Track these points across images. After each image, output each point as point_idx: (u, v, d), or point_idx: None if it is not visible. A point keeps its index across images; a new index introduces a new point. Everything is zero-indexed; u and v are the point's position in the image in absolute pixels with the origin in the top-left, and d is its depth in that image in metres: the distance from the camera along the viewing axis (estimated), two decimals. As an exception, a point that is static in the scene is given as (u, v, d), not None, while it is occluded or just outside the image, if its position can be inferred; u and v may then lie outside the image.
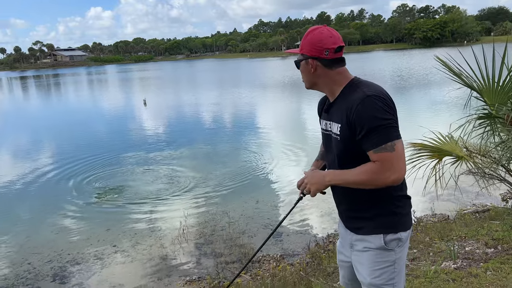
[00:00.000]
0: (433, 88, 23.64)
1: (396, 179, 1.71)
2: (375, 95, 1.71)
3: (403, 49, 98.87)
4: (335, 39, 1.81)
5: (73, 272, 5.79)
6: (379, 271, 1.80)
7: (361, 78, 1.88)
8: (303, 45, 1.86)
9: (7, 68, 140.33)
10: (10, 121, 23.48)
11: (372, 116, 1.68)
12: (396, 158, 1.68)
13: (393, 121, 1.71)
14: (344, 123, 1.76)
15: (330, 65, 1.83)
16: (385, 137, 1.68)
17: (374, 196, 1.80)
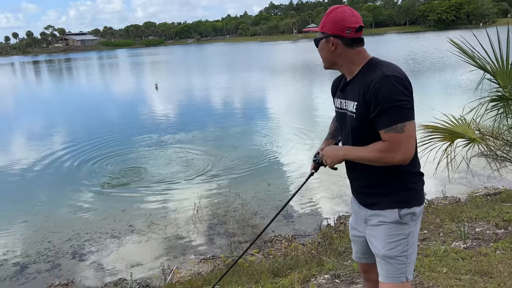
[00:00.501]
0: (447, 71, 23.31)
1: (402, 159, 1.76)
2: (393, 76, 1.75)
3: (417, 32, 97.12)
4: (356, 19, 1.84)
5: (91, 250, 6.00)
6: (393, 243, 1.87)
7: (379, 58, 1.91)
8: (325, 23, 1.87)
9: (19, 53, 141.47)
10: (25, 106, 23.85)
11: (388, 96, 1.72)
12: (404, 139, 1.72)
13: (408, 103, 1.75)
14: (361, 101, 1.81)
15: (350, 44, 1.86)
16: (396, 117, 1.72)
17: (389, 173, 1.86)
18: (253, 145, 11.01)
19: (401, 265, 1.87)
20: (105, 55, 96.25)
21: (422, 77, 22.16)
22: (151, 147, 11.50)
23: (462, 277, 3.15)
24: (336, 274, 3.58)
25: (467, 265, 3.33)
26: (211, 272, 4.64)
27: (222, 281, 3.93)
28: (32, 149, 12.26)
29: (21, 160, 11.05)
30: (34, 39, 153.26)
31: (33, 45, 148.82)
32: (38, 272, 5.55)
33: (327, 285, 3.40)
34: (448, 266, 3.37)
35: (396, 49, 44.76)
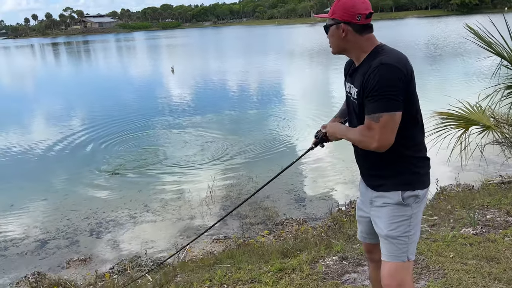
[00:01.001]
0: (467, 56, 22.76)
1: (376, 147, 1.82)
2: (388, 64, 1.77)
3: (438, 16, 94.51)
4: (366, 5, 1.86)
5: (108, 228, 6.20)
6: (395, 224, 1.93)
7: (386, 45, 1.94)
8: (335, 10, 1.90)
9: (39, 35, 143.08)
10: (45, 87, 24.30)
11: (376, 84, 1.76)
12: (378, 129, 1.78)
13: (394, 94, 1.75)
14: (360, 88, 1.87)
15: (360, 30, 1.88)
16: (376, 107, 1.77)
17: (394, 156, 1.91)
18: (269, 129, 11.06)
19: (403, 245, 1.93)
20: (123, 38, 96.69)
21: (442, 63, 21.76)
22: (167, 129, 11.67)
23: (469, 261, 3.19)
24: (344, 256, 3.66)
25: (474, 251, 3.37)
26: (222, 252, 4.76)
27: (233, 260, 4.06)
28: (51, 130, 12.55)
29: (41, 140, 11.34)
30: (53, 21, 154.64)
31: (52, 27, 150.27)
32: (58, 247, 5.78)
33: (335, 266, 3.49)
34: (455, 251, 3.41)
35: (417, 34, 43.77)
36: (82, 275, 4.93)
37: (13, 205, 7.28)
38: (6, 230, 6.39)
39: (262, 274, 3.46)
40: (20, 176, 8.75)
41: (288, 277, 3.33)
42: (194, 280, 3.61)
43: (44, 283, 4.48)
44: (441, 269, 3.14)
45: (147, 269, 4.64)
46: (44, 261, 5.46)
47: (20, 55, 61.98)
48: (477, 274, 2.98)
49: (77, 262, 5.27)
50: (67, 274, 4.97)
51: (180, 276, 3.98)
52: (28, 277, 4.77)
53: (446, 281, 2.95)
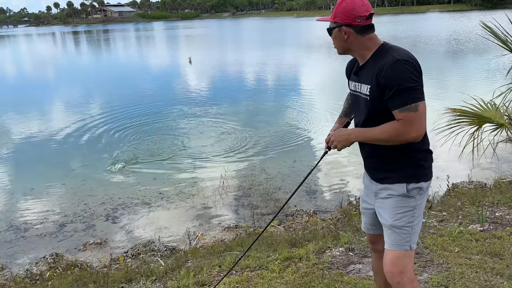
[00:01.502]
0: (488, 53, 22.29)
1: (417, 136, 1.89)
2: (404, 59, 1.85)
3: (461, 11, 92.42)
4: (366, 7, 1.94)
5: (123, 213, 6.40)
6: (400, 214, 2.01)
7: (389, 43, 2.01)
8: (336, 13, 1.98)
9: (60, 23, 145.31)
10: (65, 75, 24.77)
11: (400, 78, 1.83)
12: (418, 117, 1.85)
13: (419, 84, 1.85)
14: (374, 85, 1.93)
15: (362, 31, 1.96)
16: (410, 98, 1.83)
17: (399, 150, 1.99)
18: (285, 122, 11.13)
19: (406, 235, 2.01)
20: (142, 27, 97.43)
21: (462, 59, 21.39)
22: (183, 119, 11.84)
23: (473, 257, 3.24)
24: (350, 247, 3.74)
25: (479, 246, 3.41)
26: (233, 240, 4.89)
27: (243, 248, 4.18)
28: (70, 117, 12.83)
29: (60, 127, 11.64)
30: (74, 10, 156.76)
31: (73, 16, 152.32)
32: (75, 230, 6.00)
33: (341, 257, 3.57)
34: (460, 246, 3.46)
35: (437, 28, 42.94)
36: (97, 257, 5.12)
37: (34, 189, 7.55)
38: (26, 213, 6.65)
39: (269, 262, 3.57)
40: (40, 162, 9.03)
41: (294, 266, 3.43)
42: (204, 265, 3.74)
43: (62, 264, 4.68)
44: (444, 263, 3.20)
45: (159, 254, 4.80)
46: (62, 243, 5.68)
47: (42, 42, 63.07)
48: (479, 269, 3.03)
49: (93, 245, 5.47)
50: (83, 256, 5.17)
51: (191, 261, 4.12)
52: (46, 258, 4.99)
53: (448, 274, 3.01)
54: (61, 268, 4.54)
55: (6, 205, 6.95)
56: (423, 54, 23.75)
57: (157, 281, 3.60)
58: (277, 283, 3.15)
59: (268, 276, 3.27)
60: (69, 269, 4.46)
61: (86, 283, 3.80)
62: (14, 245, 5.68)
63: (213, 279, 3.41)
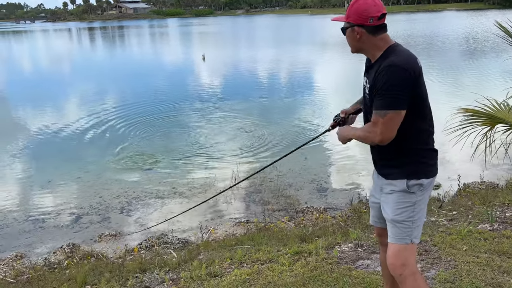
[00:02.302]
0: (504, 53, 21.99)
1: (380, 140, 2.00)
2: (396, 66, 1.92)
3: (479, 9, 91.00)
4: (379, 8, 2.01)
5: (137, 207, 6.54)
6: (400, 209, 2.09)
7: (400, 45, 2.07)
8: (349, 14, 2.06)
9: (76, 19, 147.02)
10: (81, 70, 25.15)
11: (385, 83, 1.93)
12: (383, 124, 1.95)
13: (399, 93, 1.92)
14: (372, 84, 2.04)
15: (374, 31, 2.04)
16: (383, 103, 1.94)
17: (403, 148, 2.07)
18: (296, 119, 11.17)
19: (407, 229, 2.09)
20: (156, 24, 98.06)
21: (479, 58, 21.12)
22: (196, 116, 11.98)
23: (481, 255, 3.29)
24: (359, 243, 3.81)
25: (487, 245, 3.45)
26: (244, 234, 4.99)
27: (254, 242, 4.28)
28: (85, 112, 13.05)
29: (75, 122, 11.88)
30: (90, 6, 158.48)
31: (89, 12, 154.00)
32: (90, 222, 6.17)
33: (350, 252, 3.65)
34: (468, 244, 3.50)
35: (454, 28, 42.39)
36: (112, 249, 5.27)
37: (50, 181, 7.75)
38: (44, 204, 6.84)
39: (280, 255, 3.66)
40: (56, 155, 9.24)
41: (304, 260, 3.51)
42: (216, 257, 3.85)
43: (79, 253, 4.84)
44: (452, 261, 3.25)
45: (172, 247, 4.93)
46: (78, 234, 5.85)
47: (59, 38, 63.98)
48: (487, 267, 3.07)
49: (108, 237, 5.62)
50: (98, 247, 5.32)
51: (203, 254, 4.23)
52: (63, 248, 5.15)
53: (456, 271, 3.06)
54: (78, 257, 4.70)
55: (25, 197, 7.16)
56: (439, 53, 23.53)
57: (170, 272, 3.72)
58: (286, 275, 3.24)
59: (278, 269, 3.36)
60: (85, 258, 4.62)
61: (102, 272, 3.94)
62: (32, 235, 5.86)
63: (224, 271, 3.51)
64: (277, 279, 3.21)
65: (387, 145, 2.08)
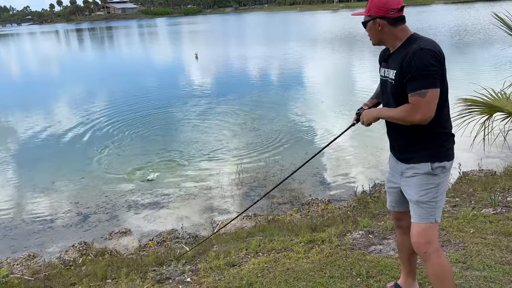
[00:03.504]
0: (499, 44, 22.32)
1: (421, 119, 2.09)
2: (427, 49, 2.05)
3: (467, 2, 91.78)
4: (398, 0, 2.15)
5: (145, 205, 6.63)
6: (425, 191, 2.20)
7: (419, 34, 2.21)
8: (371, 7, 2.19)
9: (63, 21, 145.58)
10: (72, 73, 25.01)
11: (418, 65, 2.03)
12: (424, 102, 2.05)
13: (435, 73, 2.04)
14: (398, 70, 2.15)
15: (394, 23, 2.17)
16: (421, 84, 2.04)
17: (424, 132, 2.18)
18: (293, 116, 11.31)
19: (431, 209, 2.22)
20: (145, 24, 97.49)
21: (472, 49, 21.40)
22: (194, 115, 12.06)
23: (488, 236, 3.44)
24: (370, 230, 3.94)
25: (493, 227, 3.61)
26: (254, 227, 5.11)
27: (265, 233, 4.40)
28: (83, 113, 13.05)
29: (74, 123, 11.90)
30: (77, 7, 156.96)
31: (76, 13, 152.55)
32: (99, 221, 6.25)
33: (361, 239, 3.78)
34: (475, 227, 3.65)
35: (446, 21, 42.79)
36: (123, 245, 5.36)
37: (54, 183, 7.80)
38: (51, 205, 6.89)
39: (294, 244, 3.78)
40: (57, 157, 9.26)
41: (318, 247, 3.64)
42: (231, 249, 3.96)
43: (92, 251, 4.92)
44: (461, 243, 3.39)
45: (184, 241, 5.02)
46: (88, 233, 5.92)
47: (46, 40, 63.37)
48: (495, 247, 3.22)
49: (118, 234, 5.70)
50: (110, 244, 5.40)
51: (217, 246, 4.34)
52: (76, 246, 5.23)
53: (465, 252, 3.20)
54: (92, 254, 4.78)
55: (31, 199, 7.20)
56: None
57: (188, 264, 3.82)
58: (303, 262, 3.36)
59: (295, 257, 3.48)
60: (100, 255, 4.70)
61: (119, 267, 4.02)
62: (42, 235, 5.93)
63: (241, 261, 3.62)
64: (295, 265, 3.33)
65: (409, 130, 2.20)
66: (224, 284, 3.17)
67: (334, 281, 3.01)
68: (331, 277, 3.07)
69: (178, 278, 3.49)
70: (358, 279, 3.00)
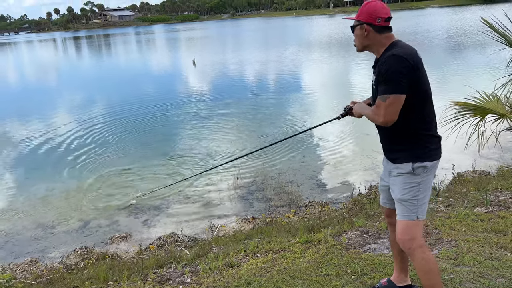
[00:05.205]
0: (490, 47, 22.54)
1: (383, 122, 2.26)
2: (396, 55, 2.19)
3: (461, 5, 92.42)
4: (386, 11, 2.32)
5: (144, 210, 6.71)
6: (407, 189, 2.33)
7: (401, 41, 2.34)
8: (361, 13, 2.35)
9: (61, 29, 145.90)
10: (71, 80, 25.13)
11: (385, 70, 2.20)
12: (385, 107, 2.21)
13: (399, 79, 2.17)
14: (376, 76, 2.33)
15: (380, 30, 2.32)
16: (384, 89, 2.21)
17: (406, 133, 2.32)
18: (289, 120, 11.43)
19: (413, 207, 2.33)
20: (142, 31, 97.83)
21: (469, 52, 21.60)
22: (192, 121, 12.17)
23: (479, 234, 3.54)
24: (365, 230, 4.04)
25: (484, 225, 3.71)
26: (252, 229, 5.19)
27: (263, 235, 4.49)
28: (80, 120, 13.13)
29: (72, 130, 11.98)
30: (74, 15, 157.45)
31: (74, 21, 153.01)
32: (99, 226, 6.33)
33: (357, 239, 3.87)
34: (467, 225, 3.76)
35: (441, 24, 43.11)
36: (124, 249, 5.44)
37: (54, 189, 7.88)
38: (50, 212, 6.95)
39: (291, 245, 3.87)
40: (56, 164, 9.31)
41: (315, 247, 3.73)
42: (229, 250, 4.05)
43: (94, 255, 5.00)
44: (453, 240, 3.49)
45: (183, 244, 5.11)
46: (88, 238, 6.00)
47: (44, 49, 63.54)
48: (485, 244, 3.33)
49: (119, 239, 5.79)
50: (111, 248, 5.48)
51: (216, 248, 4.43)
52: (77, 251, 5.31)
53: (457, 249, 3.30)
54: (93, 258, 4.86)
55: (31, 205, 7.27)
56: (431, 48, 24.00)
57: (187, 266, 3.91)
58: (300, 261, 3.45)
59: (292, 257, 3.58)
60: (102, 259, 4.78)
61: (121, 270, 4.10)
62: (43, 241, 6.00)
63: (240, 261, 3.71)
64: (292, 265, 3.42)
65: (393, 131, 2.34)
66: (223, 284, 3.26)
67: (330, 279, 3.10)
68: (327, 275, 3.17)
69: (179, 279, 3.58)
70: (353, 276, 3.10)
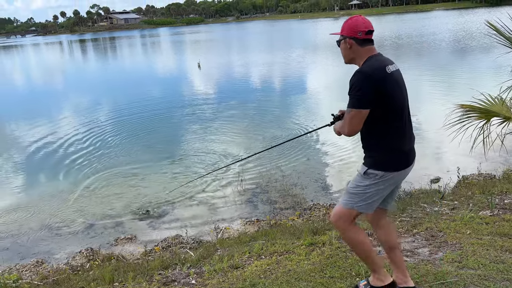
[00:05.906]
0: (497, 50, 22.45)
1: (347, 133, 2.48)
2: (360, 72, 2.36)
3: (466, 8, 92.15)
4: (367, 25, 2.46)
5: (149, 211, 6.74)
6: (355, 185, 2.56)
7: (379, 55, 2.47)
8: (344, 28, 2.51)
9: (67, 31, 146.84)
10: (75, 83, 25.30)
11: (350, 86, 2.39)
12: (347, 120, 2.43)
13: (359, 95, 2.34)
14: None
15: (361, 43, 2.46)
16: (348, 103, 2.41)
17: (369, 143, 2.55)
18: (292, 123, 11.45)
19: (352, 199, 2.55)
20: (148, 34, 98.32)
21: (477, 55, 21.53)
22: (196, 123, 12.23)
23: (484, 237, 3.53)
24: (369, 233, 4.04)
25: (489, 228, 3.70)
26: (256, 232, 5.21)
27: (268, 237, 4.50)
28: (84, 123, 13.22)
29: (78, 132, 12.07)
30: (80, 18, 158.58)
31: (80, 24, 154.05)
32: (105, 228, 6.37)
33: (361, 241, 3.87)
34: (472, 228, 3.75)
35: (447, 27, 43.01)
36: (129, 251, 5.47)
37: (61, 191, 7.93)
38: (57, 214, 7.00)
39: (295, 247, 3.88)
40: (61, 165, 9.39)
41: (319, 250, 3.74)
42: (234, 252, 4.07)
43: (99, 256, 5.04)
44: (458, 243, 3.49)
45: (188, 246, 5.13)
46: (94, 239, 6.04)
47: (50, 51, 64.01)
48: (490, 247, 3.32)
49: (124, 240, 5.82)
50: (116, 250, 5.51)
51: (220, 250, 4.45)
52: (82, 252, 5.35)
53: (462, 252, 3.30)
54: (99, 260, 4.89)
55: (37, 207, 7.31)
56: (437, 52, 23.94)
57: (192, 267, 3.93)
58: (304, 264, 3.46)
59: (296, 259, 3.59)
60: (107, 260, 4.81)
61: (126, 271, 4.13)
62: (49, 242, 6.05)
63: (245, 263, 3.73)
64: (296, 267, 3.43)
65: (362, 139, 2.58)
66: (228, 285, 3.27)
67: (334, 281, 3.11)
68: (331, 277, 3.17)
69: (183, 280, 3.60)
70: (357, 279, 3.10)
